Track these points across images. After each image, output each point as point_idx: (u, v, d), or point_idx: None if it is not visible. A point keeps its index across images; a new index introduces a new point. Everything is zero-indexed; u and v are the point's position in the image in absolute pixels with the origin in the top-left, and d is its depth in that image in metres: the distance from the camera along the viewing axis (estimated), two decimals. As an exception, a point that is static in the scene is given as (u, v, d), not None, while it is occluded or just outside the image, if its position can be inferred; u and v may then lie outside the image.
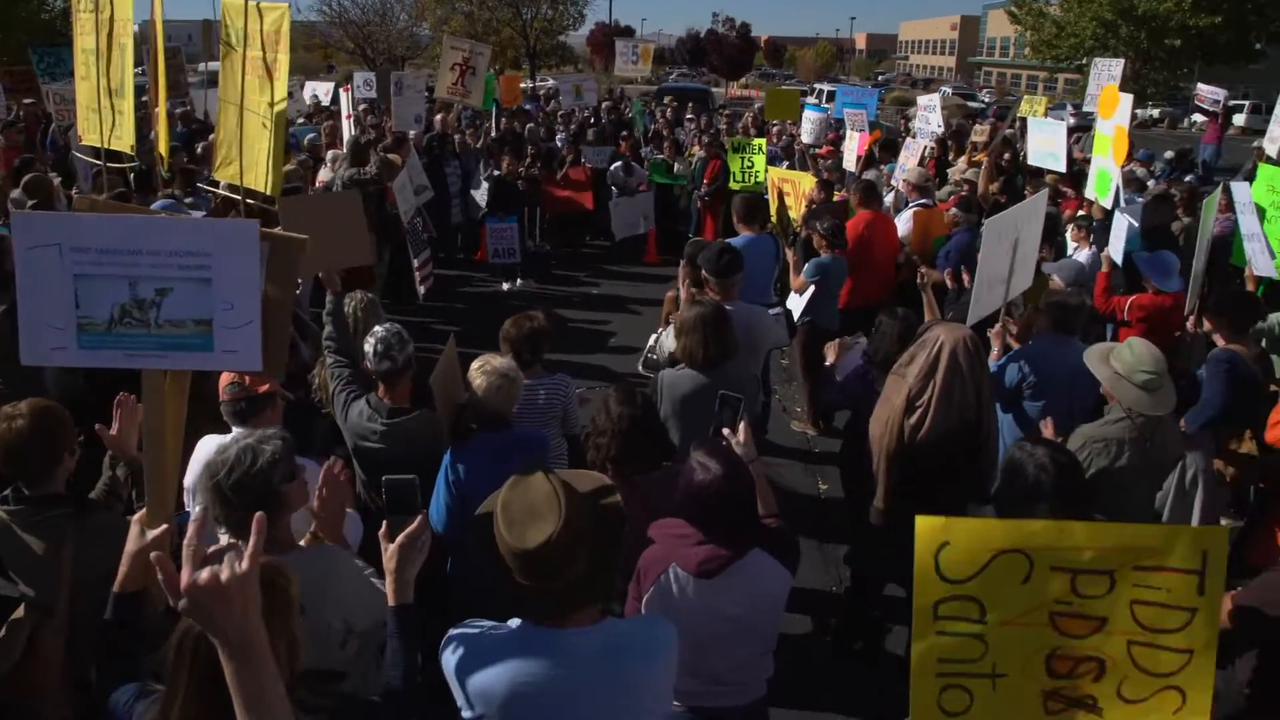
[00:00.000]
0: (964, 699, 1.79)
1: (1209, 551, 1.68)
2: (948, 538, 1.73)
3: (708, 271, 5.15)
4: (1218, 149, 18.06)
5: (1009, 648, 1.77)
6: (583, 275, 12.84)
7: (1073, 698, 1.78)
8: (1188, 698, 1.75)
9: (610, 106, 20.80)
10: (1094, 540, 1.71)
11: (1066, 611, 1.74)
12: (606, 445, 3.41)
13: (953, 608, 1.75)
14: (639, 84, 36.46)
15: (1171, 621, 1.72)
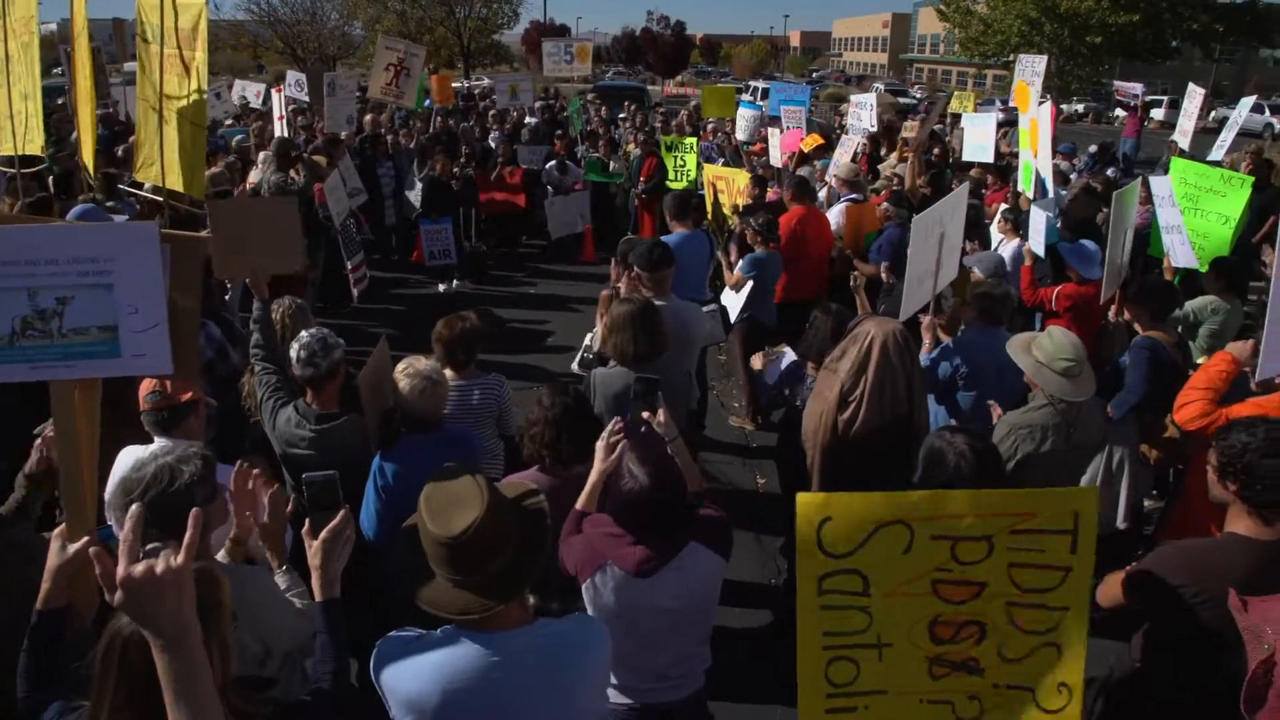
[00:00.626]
0: (851, 670, 1.83)
1: (1079, 512, 1.76)
2: (829, 513, 1.76)
3: (639, 267, 5.15)
4: (1136, 142, 18.61)
5: (893, 618, 1.81)
6: (520, 275, 12.78)
7: (957, 662, 1.84)
8: (1064, 653, 1.84)
9: (545, 106, 20.71)
10: (972, 507, 1.77)
11: (947, 579, 1.80)
12: (541, 433, 3.44)
13: (836, 581, 1.80)
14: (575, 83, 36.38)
15: (1047, 581, 1.79)
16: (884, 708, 1.85)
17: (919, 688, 1.84)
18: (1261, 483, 2.85)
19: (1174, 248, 7.04)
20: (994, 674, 1.83)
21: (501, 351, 9.31)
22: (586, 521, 2.92)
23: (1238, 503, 2.94)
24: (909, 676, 1.84)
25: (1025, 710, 1.84)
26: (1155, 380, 5.00)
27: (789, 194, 7.99)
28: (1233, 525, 2.98)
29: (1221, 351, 4.61)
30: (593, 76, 35.65)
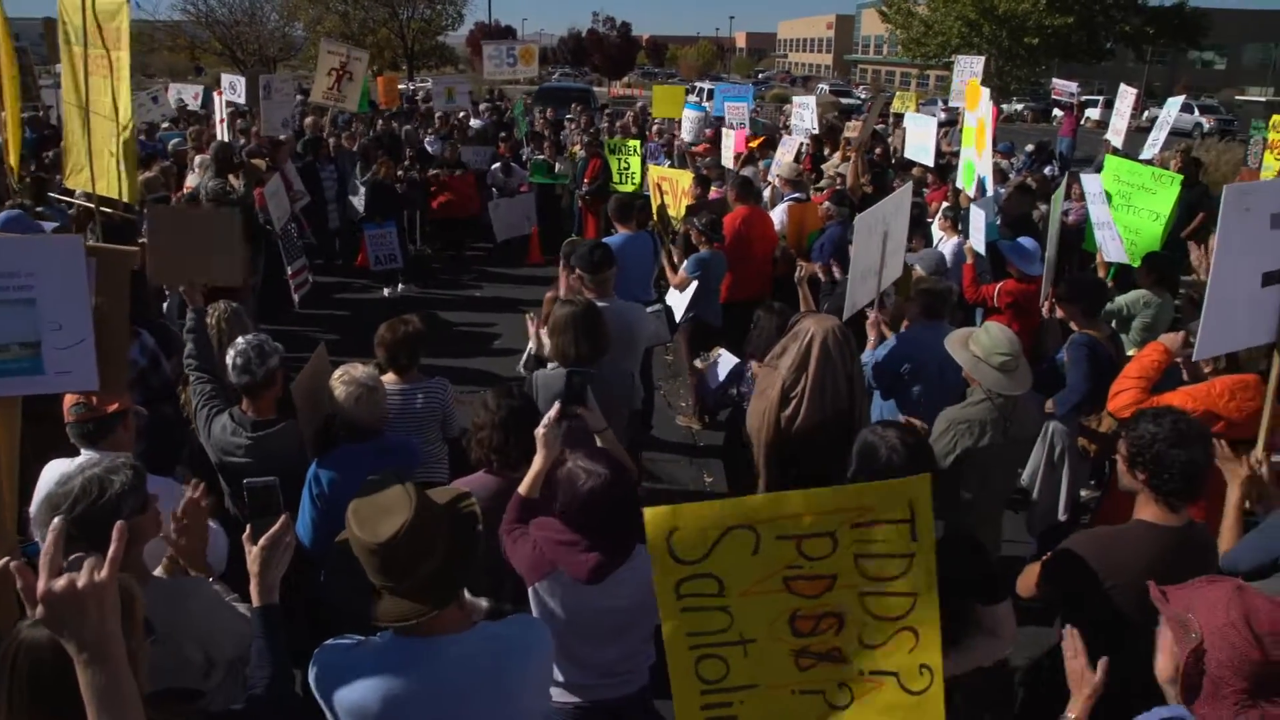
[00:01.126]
0: (720, 667, 1.90)
1: (914, 500, 1.83)
2: (676, 524, 1.82)
3: (581, 269, 5.15)
4: (1072, 141, 19.06)
5: (752, 616, 1.87)
6: (466, 278, 12.69)
7: (820, 652, 1.90)
8: (920, 636, 1.92)
9: (491, 107, 20.60)
10: (810, 506, 1.83)
11: (798, 575, 1.86)
12: (488, 437, 3.41)
13: (693, 586, 1.85)
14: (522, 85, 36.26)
15: (894, 569, 1.87)
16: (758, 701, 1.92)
17: (789, 680, 1.91)
18: (1168, 472, 2.92)
19: (1106, 243, 7.22)
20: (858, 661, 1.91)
21: (448, 355, 9.25)
22: (534, 525, 2.90)
23: (1146, 491, 3.02)
24: (777, 670, 1.91)
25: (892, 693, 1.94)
26: (1095, 377, 5.11)
27: (733, 194, 8.03)
28: (1141, 513, 3.05)
29: (1154, 342, 4.73)
30: (540, 78, 35.56)
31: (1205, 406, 4.23)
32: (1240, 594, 2.14)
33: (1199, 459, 2.95)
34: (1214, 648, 2.08)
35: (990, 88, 8.09)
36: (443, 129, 16.49)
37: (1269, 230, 3.54)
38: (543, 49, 29.79)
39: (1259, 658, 2.05)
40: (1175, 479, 2.94)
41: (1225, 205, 3.45)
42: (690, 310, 7.09)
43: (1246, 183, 3.85)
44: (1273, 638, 2.07)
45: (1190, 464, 2.93)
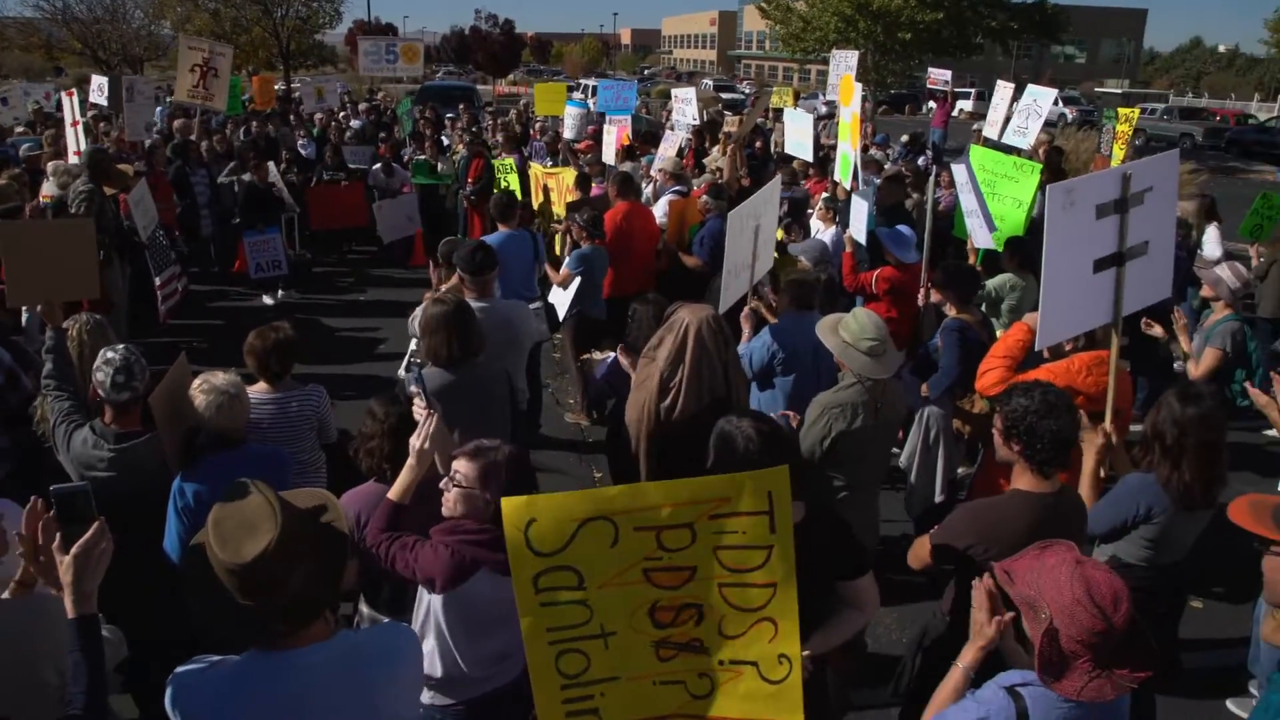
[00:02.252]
0: (581, 661, 1.90)
1: (773, 492, 1.85)
2: (533, 515, 1.81)
3: (461, 270, 5.10)
4: (944, 132, 19.74)
5: (612, 608, 1.88)
6: (349, 282, 12.42)
7: (681, 643, 1.93)
8: (779, 626, 1.94)
9: (370, 107, 20.16)
10: (669, 498, 1.84)
11: (658, 566, 1.87)
12: (379, 446, 3.37)
13: (551, 579, 1.85)
14: (405, 83, 35.56)
15: (752, 560, 1.89)
16: (619, 693, 1.92)
17: (649, 670, 1.93)
18: (1041, 441, 3.10)
19: (975, 230, 7.51)
20: (718, 651, 1.93)
21: (331, 362, 9.04)
22: (436, 531, 2.86)
23: (1021, 461, 3.18)
24: (638, 661, 1.92)
25: (752, 683, 1.96)
26: (966, 360, 5.31)
27: (613, 190, 8.07)
28: (1016, 482, 3.22)
29: (1018, 323, 4.96)
30: (425, 76, 34.96)
31: (1065, 382, 4.45)
32: (1080, 568, 2.25)
33: (1067, 428, 3.14)
34: (1064, 625, 2.19)
35: (869, 82, 8.31)
36: (322, 129, 16.05)
37: (1094, 221, 3.76)
38: (425, 47, 29.24)
39: (1104, 628, 2.17)
40: (1048, 447, 3.11)
41: (1050, 202, 3.65)
42: (574, 306, 7.09)
43: (1069, 180, 4.07)
44: (1112, 606, 2.19)
45: (1060, 432, 3.11)
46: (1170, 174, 4.11)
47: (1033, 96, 10.51)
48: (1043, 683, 2.25)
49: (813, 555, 2.85)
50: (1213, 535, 3.76)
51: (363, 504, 3.31)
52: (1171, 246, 4.26)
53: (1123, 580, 2.27)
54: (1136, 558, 3.67)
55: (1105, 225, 3.78)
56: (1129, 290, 3.98)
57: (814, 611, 2.94)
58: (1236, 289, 5.75)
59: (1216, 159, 30.13)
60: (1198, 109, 42.40)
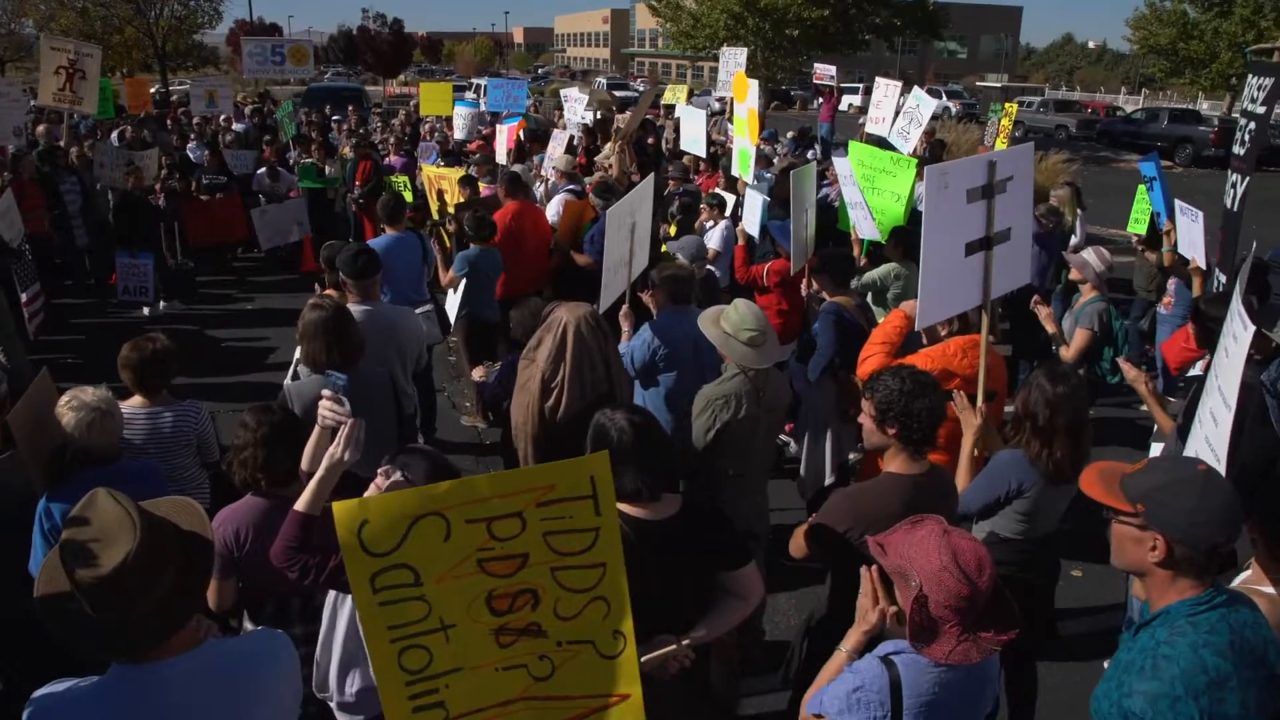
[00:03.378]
0: (423, 656, 1.92)
1: (595, 476, 1.92)
2: (364, 516, 1.83)
3: (344, 273, 4.99)
4: (831, 127, 20.17)
5: (449, 601, 1.91)
6: (234, 291, 12.04)
7: (519, 628, 1.98)
8: (611, 603, 2.02)
9: (255, 110, 19.56)
10: (496, 489, 1.89)
11: (491, 556, 1.91)
12: (252, 456, 3.25)
13: (388, 578, 1.86)
14: (293, 84, 34.61)
15: (581, 543, 1.96)
16: (463, 683, 1.95)
17: (491, 658, 1.96)
18: (916, 420, 3.18)
19: (859, 222, 7.70)
20: (556, 633, 1.99)
21: (218, 373, 8.78)
22: None
23: (895, 444, 3.26)
24: (479, 650, 1.95)
25: (590, 659, 2.04)
26: (842, 340, 5.44)
27: (502, 190, 8.01)
28: (889, 465, 3.30)
29: (895, 310, 5.09)
30: (315, 78, 34.08)
31: (942, 365, 4.61)
32: (947, 537, 2.34)
33: (938, 406, 3.23)
34: (933, 591, 2.28)
35: (758, 78, 8.44)
36: (212, 135, 15.50)
37: (965, 205, 3.89)
38: (313, 48, 28.50)
39: (969, 593, 2.25)
40: (922, 426, 3.19)
41: (928, 185, 3.76)
42: (464, 308, 7.02)
43: (944, 163, 4.21)
44: (977, 571, 2.28)
45: (932, 411, 3.20)
46: (1028, 165, 4.29)
47: (916, 101, 10.80)
48: (914, 649, 2.32)
49: (692, 547, 2.89)
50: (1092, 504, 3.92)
51: (240, 520, 3.20)
52: (1029, 235, 4.43)
53: (988, 549, 2.36)
54: (1012, 532, 3.80)
55: (975, 210, 3.92)
56: (996, 275, 4.13)
57: (697, 602, 2.98)
58: (1102, 271, 6.02)
59: (1089, 149, 31.59)
60: (1071, 102, 44.36)
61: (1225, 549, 2.13)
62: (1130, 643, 2.23)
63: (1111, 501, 2.23)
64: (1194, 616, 2.11)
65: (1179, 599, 2.15)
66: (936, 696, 2.34)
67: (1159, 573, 2.17)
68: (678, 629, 2.87)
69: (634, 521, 2.83)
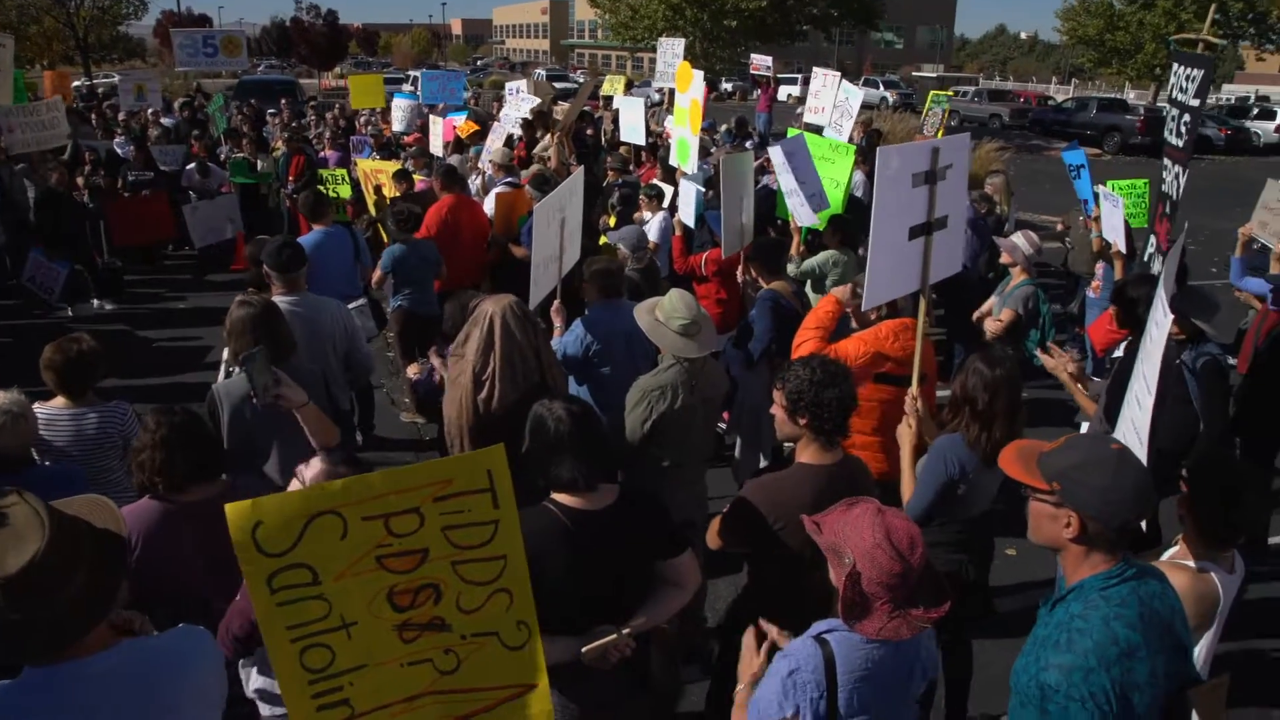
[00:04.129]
0: (325, 655, 1.91)
1: (492, 469, 1.93)
2: (258, 517, 1.81)
3: (269, 267, 4.92)
4: (769, 117, 20.33)
5: (349, 598, 1.91)
6: (165, 290, 11.75)
7: (422, 623, 1.98)
8: (515, 595, 2.03)
9: (185, 104, 19.09)
10: (392, 485, 1.89)
11: (390, 552, 1.91)
12: (150, 459, 3.16)
13: (285, 578, 1.85)
14: (225, 77, 33.89)
15: (480, 536, 1.96)
16: (367, 680, 1.95)
17: (395, 654, 1.96)
18: (827, 410, 3.20)
19: (796, 209, 7.76)
20: (460, 626, 2.00)
21: (149, 374, 8.60)
22: None
23: (808, 434, 3.29)
24: (383, 646, 1.95)
25: (495, 651, 2.05)
26: (779, 326, 5.49)
27: (438, 183, 7.92)
28: (801, 455, 3.33)
29: (827, 295, 5.15)
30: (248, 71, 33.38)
31: (874, 348, 4.68)
32: (881, 516, 2.38)
33: (848, 394, 3.24)
34: (866, 568, 2.31)
35: (698, 69, 8.46)
36: (141, 128, 15.07)
37: (910, 189, 3.93)
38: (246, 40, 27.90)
39: (901, 570, 2.29)
40: (834, 416, 3.21)
41: (879, 168, 3.78)
42: (398, 302, 6.98)
43: (894, 146, 4.25)
44: (909, 549, 2.32)
45: (843, 400, 3.21)
46: (964, 154, 4.34)
47: (845, 94, 10.92)
48: (846, 626, 2.36)
49: (629, 536, 2.90)
50: (1025, 484, 4.01)
51: (133, 524, 3.12)
52: (964, 223, 4.51)
53: (919, 528, 2.41)
54: (952, 513, 3.84)
55: (919, 195, 3.96)
56: (934, 261, 4.18)
57: (636, 592, 2.99)
58: (1031, 255, 6.16)
59: (1021, 137, 32.26)
60: (1004, 91, 45.22)
61: (1135, 525, 2.20)
62: (1047, 617, 2.29)
63: (1029, 480, 2.28)
64: (1106, 590, 2.18)
65: (1092, 573, 2.22)
66: (868, 672, 2.39)
67: (1073, 548, 2.24)
68: (617, 619, 2.88)
69: (571, 512, 2.84)
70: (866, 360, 4.64)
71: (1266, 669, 4.93)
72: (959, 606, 3.83)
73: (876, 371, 4.66)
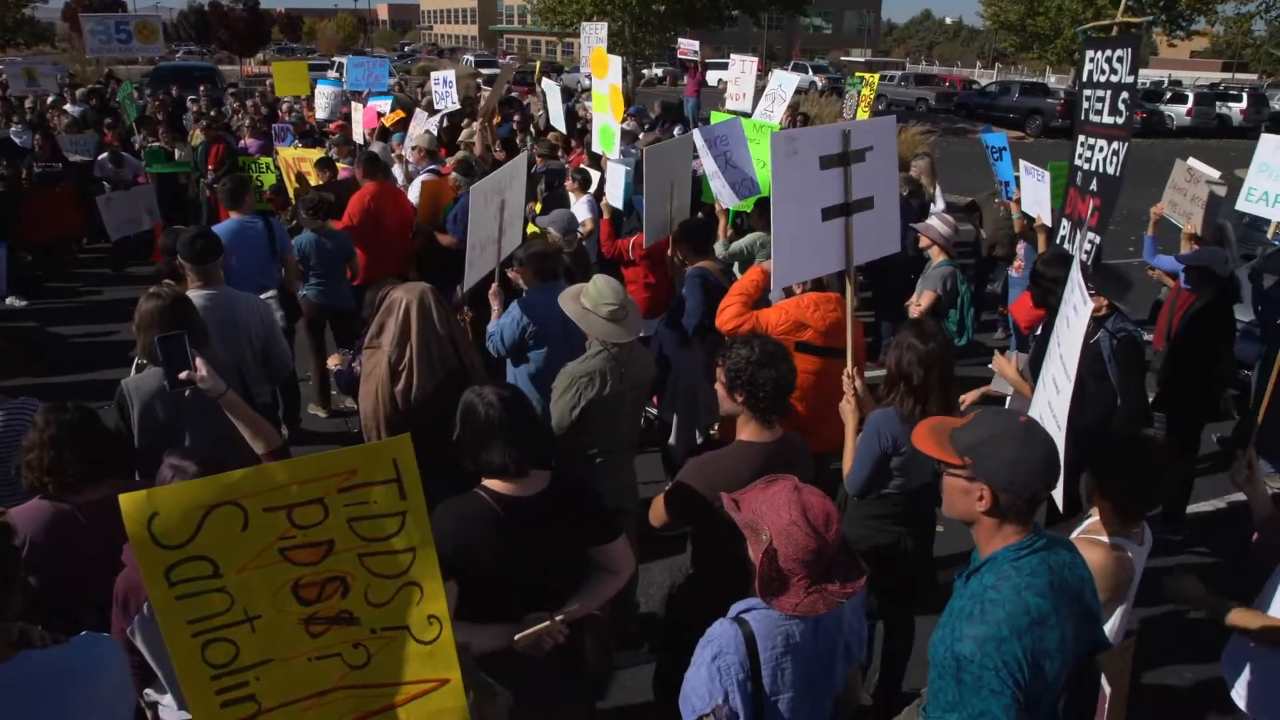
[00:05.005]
0: (229, 649, 1.87)
1: (398, 459, 1.89)
2: (154, 508, 1.76)
3: (183, 258, 4.77)
4: (697, 101, 20.35)
5: (253, 591, 1.86)
6: (80, 285, 11.35)
7: (330, 617, 1.94)
8: (424, 588, 1.98)
9: (92, 91, 18.42)
10: (294, 475, 1.85)
11: (294, 544, 1.87)
12: (38, 458, 3.04)
13: (184, 570, 1.80)
14: (141, 64, 32.77)
15: (388, 528, 1.93)
16: (274, 675, 1.91)
17: (303, 648, 1.92)
18: (762, 390, 3.23)
19: (719, 192, 7.77)
20: (369, 620, 1.96)
21: (64, 371, 8.30)
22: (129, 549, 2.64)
23: (745, 412, 3.31)
24: (289, 641, 1.91)
25: (406, 646, 1.99)
26: (709, 302, 5.51)
27: (360, 171, 7.77)
28: (741, 433, 3.35)
29: (754, 266, 5.22)
30: (166, 57, 32.31)
31: (796, 316, 4.74)
32: (798, 493, 2.39)
33: (785, 375, 3.26)
34: (782, 545, 2.32)
35: (626, 54, 8.40)
36: (39, 116, 14.49)
37: (819, 171, 3.95)
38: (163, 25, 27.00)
39: (816, 546, 2.31)
40: (769, 395, 3.23)
41: (774, 151, 3.80)
42: (305, 293, 6.92)
43: (792, 130, 4.28)
44: (824, 526, 2.34)
45: (779, 380, 3.23)
46: (889, 136, 4.36)
47: (778, 81, 10.97)
48: (764, 603, 2.37)
49: (561, 522, 2.89)
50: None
51: (24, 526, 3.00)
52: (896, 204, 4.55)
53: (835, 505, 2.43)
54: (890, 486, 3.87)
55: (830, 176, 3.98)
56: (860, 241, 4.21)
57: (569, 578, 2.98)
58: (949, 235, 6.27)
59: (947, 121, 32.85)
60: (930, 76, 46.03)
61: (1045, 496, 2.25)
62: (962, 589, 2.34)
63: (942, 455, 2.32)
64: (1017, 561, 2.23)
65: (1004, 545, 2.26)
66: (789, 647, 2.41)
67: (986, 521, 2.28)
68: (550, 606, 2.86)
69: (502, 498, 2.83)
70: (787, 327, 4.69)
71: (1179, 632, 5.11)
72: (899, 579, 3.93)
73: (797, 340, 4.70)
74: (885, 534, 3.90)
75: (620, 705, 4.43)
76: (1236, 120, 34.47)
